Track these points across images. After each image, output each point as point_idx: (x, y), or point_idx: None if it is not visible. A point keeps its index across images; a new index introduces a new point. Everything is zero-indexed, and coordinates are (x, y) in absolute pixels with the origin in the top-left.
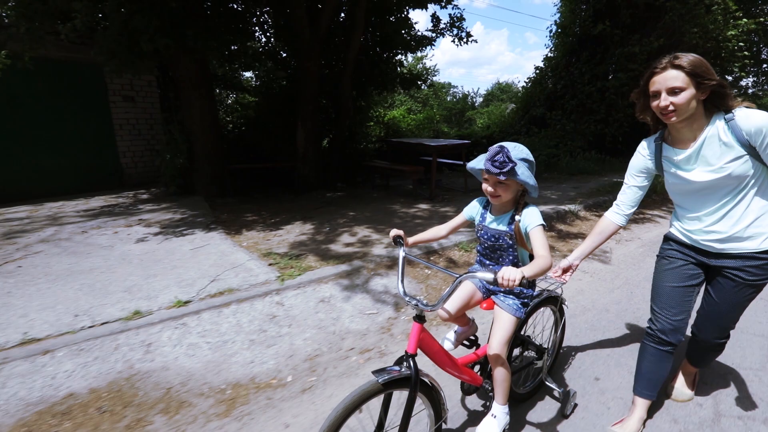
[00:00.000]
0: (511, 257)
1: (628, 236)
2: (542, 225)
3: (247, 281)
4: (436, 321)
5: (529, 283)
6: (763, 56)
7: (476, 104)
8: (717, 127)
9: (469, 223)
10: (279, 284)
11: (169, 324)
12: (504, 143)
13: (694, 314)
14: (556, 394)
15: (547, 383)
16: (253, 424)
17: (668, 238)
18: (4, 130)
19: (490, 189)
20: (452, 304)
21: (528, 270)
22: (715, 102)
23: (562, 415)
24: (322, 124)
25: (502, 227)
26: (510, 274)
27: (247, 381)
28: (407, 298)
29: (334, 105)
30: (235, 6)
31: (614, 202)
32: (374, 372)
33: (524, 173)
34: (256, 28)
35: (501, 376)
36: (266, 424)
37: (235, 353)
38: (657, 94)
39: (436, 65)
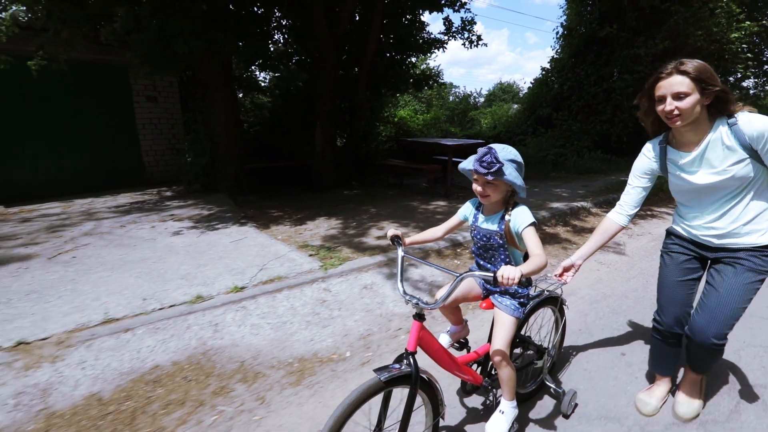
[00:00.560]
0: (503, 257)
1: (639, 231)
2: (533, 224)
3: (293, 270)
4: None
5: (527, 282)
6: (763, 58)
7: (478, 104)
8: (720, 131)
9: (464, 224)
10: (323, 273)
11: (230, 307)
12: (493, 145)
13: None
14: (556, 394)
15: (547, 383)
16: (323, 392)
17: (670, 233)
18: (34, 129)
19: (479, 189)
20: (453, 296)
21: (525, 268)
22: (718, 107)
23: (563, 415)
24: (338, 125)
25: (493, 227)
26: (509, 273)
27: (310, 356)
28: (407, 297)
29: (348, 106)
30: (256, 9)
31: (617, 203)
32: (376, 370)
33: (511, 174)
34: (275, 30)
35: (506, 375)
36: (335, 391)
37: (294, 333)
38: (662, 99)
39: (439, 65)
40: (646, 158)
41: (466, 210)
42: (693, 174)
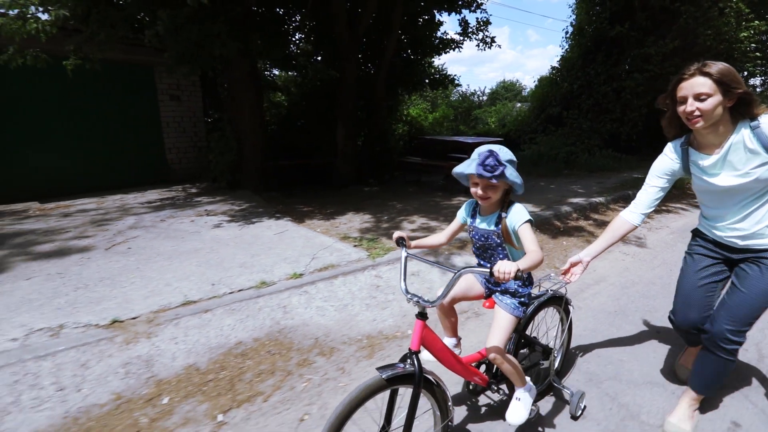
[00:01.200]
0: (501, 256)
1: (657, 225)
2: (529, 221)
3: (343, 259)
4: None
5: (527, 280)
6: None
7: (482, 103)
8: (742, 134)
9: (465, 227)
10: (371, 261)
11: (294, 291)
12: (490, 146)
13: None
14: (564, 395)
15: (554, 384)
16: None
17: (696, 234)
18: (65, 127)
19: (480, 192)
20: (452, 291)
21: (522, 263)
22: (740, 109)
23: (572, 416)
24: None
25: (490, 227)
26: (505, 267)
27: (376, 333)
28: (408, 296)
29: (367, 105)
30: (281, 10)
31: (632, 202)
32: (378, 368)
33: (512, 173)
34: (296, 31)
35: (509, 369)
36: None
37: (357, 314)
38: (684, 100)
39: (444, 63)
40: (668, 159)
41: (464, 212)
42: (715, 176)
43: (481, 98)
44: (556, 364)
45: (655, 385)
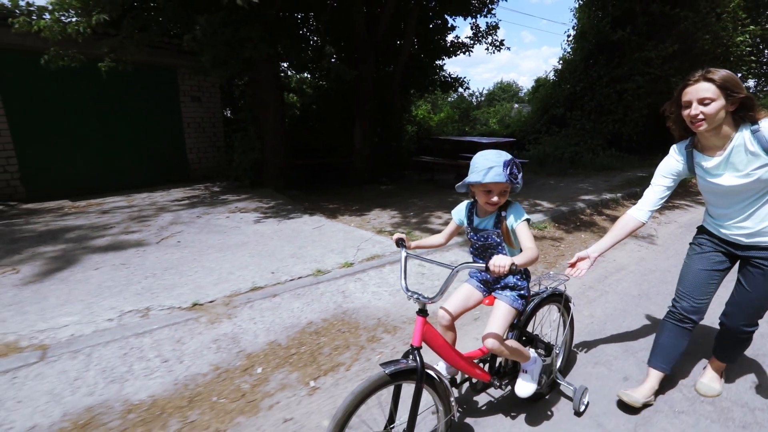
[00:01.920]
0: (502, 255)
1: (666, 220)
2: (527, 220)
3: (385, 250)
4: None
5: (524, 274)
6: (763, 59)
7: (480, 104)
8: (744, 137)
9: (461, 228)
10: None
11: (348, 278)
12: (490, 152)
13: (719, 304)
14: (568, 392)
15: (558, 381)
16: (461, 335)
17: (701, 230)
18: (94, 127)
19: (495, 199)
20: (453, 305)
21: (518, 259)
22: (742, 114)
23: (575, 413)
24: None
25: (490, 226)
26: (500, 261)
27: (430, 314)
28: (408, 293)
29: (381, 106)
30: (300, 15)
31: (639, 200)
32: (382, 364)
33: (520, 180)
34: (315, 35)
35: (508, 352)
36: (464, 337)
37: None
38: (689, 104)
39: (444, 63)
40: (674, 160)
41: (460, 213)
42: (719, 177)
43: (479, 99)
44: (559, 362)
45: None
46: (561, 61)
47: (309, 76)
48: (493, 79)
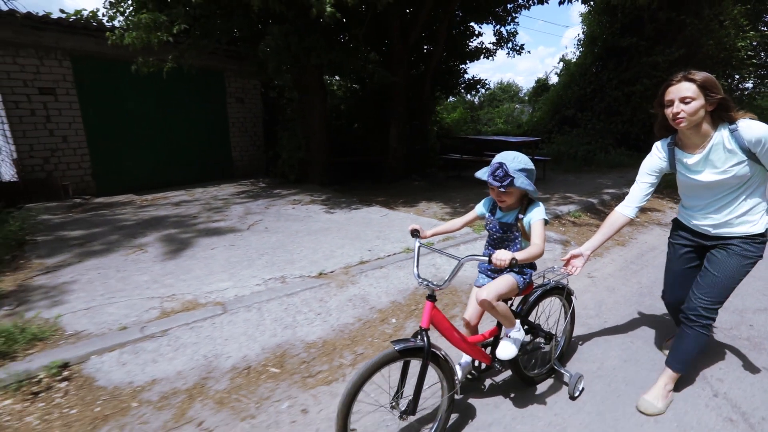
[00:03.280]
0: (515, 248)
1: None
2: (543, 219)
3: (455, 233)
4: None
5: (529, 267)
6: (758, 61)
7: (482, 104)
8: (722, 135)
9: (481, 218)
10: (477, 234)
11: (435, 255)
12: (504, 155)
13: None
14: (564, 378)
15: (556, 368)
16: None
17: (675, 223)
18: (155, 127)
19: (495, 197)
20: (468, 314)
21: (519, 254)
22: (720, 114)
23: (570, 396)
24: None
25: (511, 221)
26: (502, 255)
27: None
28: (420, 280)
29: (412, 107)
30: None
31: (626, 197)
32: (393, 341)
33: (523, 182)
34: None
35: (500, 311)
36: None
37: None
38: (671, 103)
39: (468, 67)
40: (657, 158)
41: (484, 207)
42: (699, 173)
43: (481, 99)
44: (558, 350)
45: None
46: (561, 62)
47: (337, 78)
48: (490, 79)
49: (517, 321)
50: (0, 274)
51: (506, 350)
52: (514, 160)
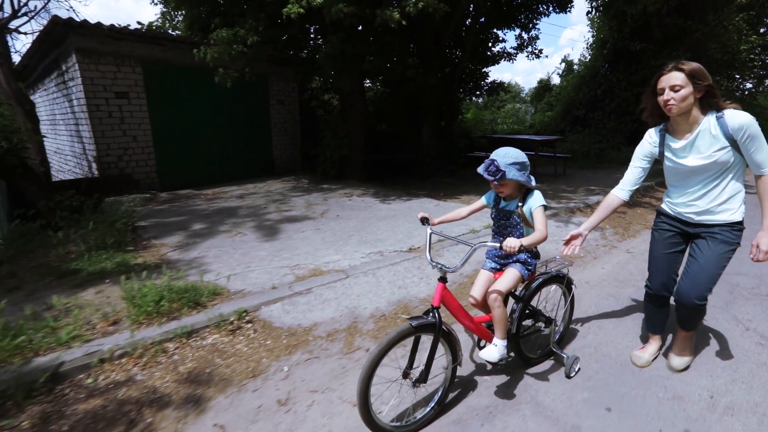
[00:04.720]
0: (517, 234)
1: None
2: (542, 206)
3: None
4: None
5: (533, 253)
6: (758, 63)
7: (485, 104)
8: (709, 122)
9: (486, 207)
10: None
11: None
12: (497, 152)
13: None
14: (562, 359)
15: (554, 350)
16: (591, 266)
17: (659, 213)
18: (208, 127)
19: (494, 188)
20: (475, 291)
21: (526, 240)
22: (708, 101)
23: (566, 376)
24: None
25: (512, 209)
26: (511, 242)
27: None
28: (433, 263)
29: (440, 109)
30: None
31: (620, 181)
32: (408, 318)
33: (515, 174)
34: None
35: (498, 316)
36: (594, 267)
37: (549, 251)
38: (662, 91)
39: (490, 71)
40: (648, 144)
41: (489, 197)
42: (684, 158)
43: (485, 100)
44: (557, 335)
45: (743, 275)
46: (563, 63)
47: (368, 83)
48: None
49: (506, 340)
50: (135, 252)
51: (491, 353)
52: (506, 156)
